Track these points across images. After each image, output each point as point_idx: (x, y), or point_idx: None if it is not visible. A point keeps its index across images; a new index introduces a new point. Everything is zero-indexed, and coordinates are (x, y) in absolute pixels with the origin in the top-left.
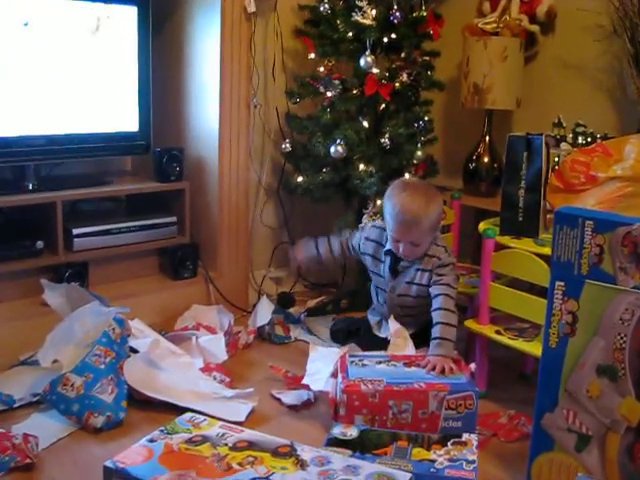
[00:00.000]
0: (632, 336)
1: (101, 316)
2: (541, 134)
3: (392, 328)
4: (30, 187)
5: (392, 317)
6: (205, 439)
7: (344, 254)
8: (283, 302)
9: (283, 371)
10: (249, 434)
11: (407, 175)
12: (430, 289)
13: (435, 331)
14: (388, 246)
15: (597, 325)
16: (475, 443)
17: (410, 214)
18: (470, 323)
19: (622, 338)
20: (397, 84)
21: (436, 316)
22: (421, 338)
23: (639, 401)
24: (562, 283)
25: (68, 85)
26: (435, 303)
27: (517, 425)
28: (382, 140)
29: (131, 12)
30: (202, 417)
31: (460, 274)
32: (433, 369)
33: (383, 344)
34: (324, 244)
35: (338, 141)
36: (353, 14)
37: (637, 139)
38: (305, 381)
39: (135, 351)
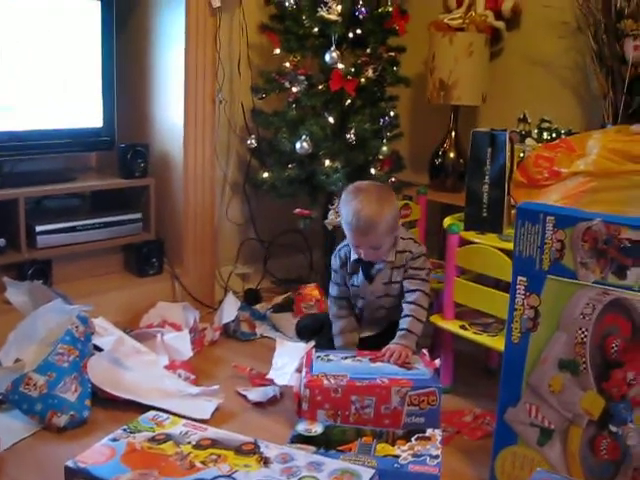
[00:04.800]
0: (593, 330)
1: (64, 314)
2: (505, 130)
3: None
4: None
5: None
6: (168, 437)
7: (349, 301)
8: (249, 298)
9: (247, 369)
10: (212, 432)
11: (372, 171)
12: (404, 282)
13: (403, 322)
14: (354, 255)
15: (559, 320)
16: (439, 438)
17: (364, 220)
18: (435, 318)
19: (583, 332)
20: (362, 80)
21: (407, 309)
22: (385, 337)
23: (600, 395)
24: (524, 278)
25: (31, 81)
26: (409, 297)
27: (482, 424)
28: (348, 136)
29: (95, 6)
30: (165, 415)
31: None
32: (391, 356)
33: None
34: (341, 322)
35: (304, 137)
36: (318, 9)
37: (600, 134)
38: (270, 375)
39: (99, 349)
